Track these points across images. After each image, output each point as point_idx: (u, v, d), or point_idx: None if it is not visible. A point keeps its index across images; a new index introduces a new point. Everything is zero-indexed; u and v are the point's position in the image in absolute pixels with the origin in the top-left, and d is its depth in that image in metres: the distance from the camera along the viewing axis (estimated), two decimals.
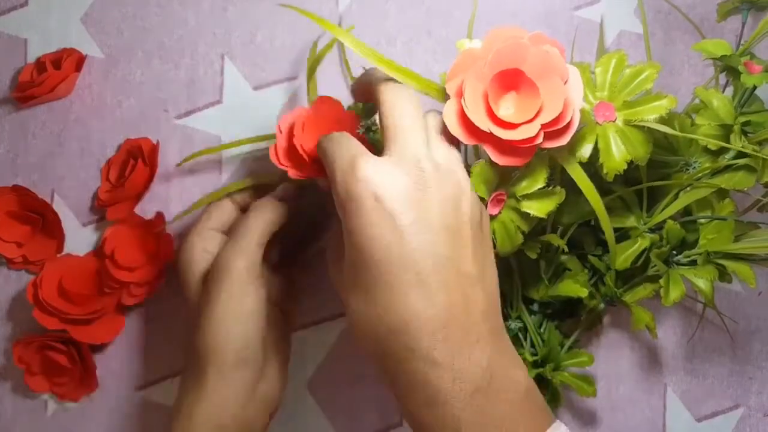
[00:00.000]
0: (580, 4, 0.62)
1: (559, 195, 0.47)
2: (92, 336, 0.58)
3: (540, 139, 0.44)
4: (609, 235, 0.48)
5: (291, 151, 0.52)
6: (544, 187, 0.47)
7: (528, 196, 0.47)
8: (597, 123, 0.47)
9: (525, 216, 0.47)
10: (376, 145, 0.50)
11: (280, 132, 0.53)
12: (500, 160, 0.44)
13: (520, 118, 0.44)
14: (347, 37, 0.47)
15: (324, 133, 0.50)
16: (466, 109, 0.44)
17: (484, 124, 0.44)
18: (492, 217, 0.48)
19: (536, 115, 0.44)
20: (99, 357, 0.61)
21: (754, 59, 0.48)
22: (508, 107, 0.44)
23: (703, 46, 0.48)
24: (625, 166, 0.46)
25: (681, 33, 0.61)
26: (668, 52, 0.61)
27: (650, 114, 0.46)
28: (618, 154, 0.46)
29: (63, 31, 0.62)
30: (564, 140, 0.44)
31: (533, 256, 0.51)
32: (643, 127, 0.47)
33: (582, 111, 0.47)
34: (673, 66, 0.61)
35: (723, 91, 0.52)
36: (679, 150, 0.52)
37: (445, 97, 0.45)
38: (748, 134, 0.50)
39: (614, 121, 0.47)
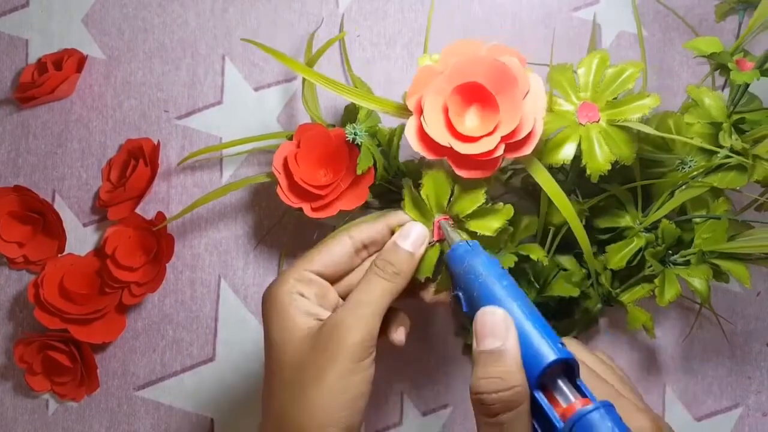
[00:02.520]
0: (579, 5, 0.62)
1: (506, 211, 0.46)
2: (93, 335, 0.59)
3: (500, 152, 0.43)
4: (582, 240, 0.47)
5: (295, 187, 0.53)
6: (486, 204, 0.46)
7: (471, 216, 0.46)
8: (580, 124, 0.47)
9: (474, 235, 0.46)
10: (360, 147, 0.51)
11: (278, 172, 0.53)
12: (463, 173, 0.44)
13: (481, 131, 0.43)
14: (312, 75, 0.47)
15: (319, 160, 0.51)
16: (425, 125, 0.43)
17: (444, 138, 0.43)
18: (432, 244, 0.46)
19: (495, 128, 0.43)
20: (99, 357, 0.61)
21: (748, 56, 0.48)
22: (472, 120, 0.44)
23: (695, 44, 0.48)
24: (609, 167, 0.46)
25: (680, 34, 0.61)
26: (667, 53, 0.61)
27: (634, 113, 0.46)
28: (601, 154, 0.46)
29: (64, 31, 0.62)
30: (525, 151, 0.44)
31: (510, 264, 0.50)
32: (628, 126, 0.46)
33: (564, 112, 0.46)
34: (671, 67, 0.61)
35: (723, 90, 0.52)
36: (674, 149, 0.51)
37: (408, 113, 0.45)
38: (744, 132, 0.49)
39: (598, 122, 0.47)
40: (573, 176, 0.50)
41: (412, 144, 0.44)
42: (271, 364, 0.44)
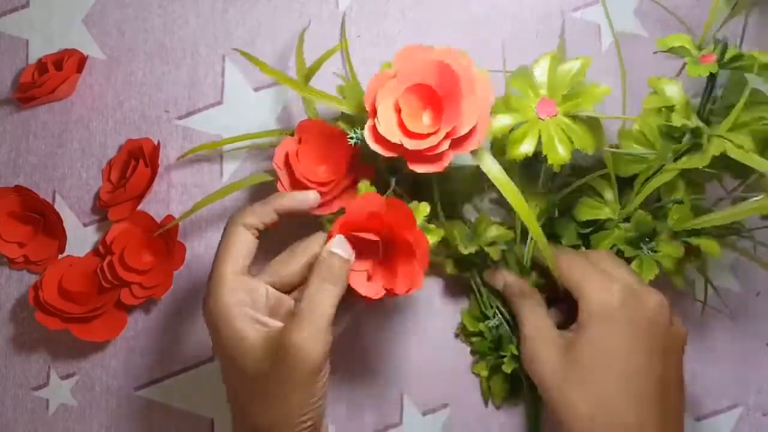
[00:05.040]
0: (578, 5, 0.62)
1: (438, 233, 0.50)
2: (94, 333, 0.59)
3: (445, 147, 0.46)
4: (536, 233, 0.49)
5: (296, 183, 0.53)
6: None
7: None
8: (540, 119, 0.49)
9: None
10: (365, 151, 0.51)
11: (279, 168, 0.53)
12: (418, 168, 0.47)
13: (430, 129, 0.46)
14: (302, 89, 0.51)
15: (320, 156, 0.52)
16: (377, 125, 0.46)
17: (395, 136, 0.46)
18: None
19: (441, 125, 0.46)
20: (100, 356, 0.61)
21: (716, 50, 0.48)
22: (427, 119, 0.47)
23: (664, 41, 0.49)
24: (570, 158, 0.48)
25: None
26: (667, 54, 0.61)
27: (588, 103, 0.48)
28: (561, 146, 0.48)
29: (64, 32, 0.62)
30: (469, 147, 0.47)
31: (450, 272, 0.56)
32: (590, 117, 0.49)
33: (525, 109, 0.49)
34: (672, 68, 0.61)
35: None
36: (655, 144, 0.53)
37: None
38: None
39: (556, 116, 0.49)
40: (546, 168, 0.53)
41: (371, 145, 0.47)
42: (231, 377, 0.47)
